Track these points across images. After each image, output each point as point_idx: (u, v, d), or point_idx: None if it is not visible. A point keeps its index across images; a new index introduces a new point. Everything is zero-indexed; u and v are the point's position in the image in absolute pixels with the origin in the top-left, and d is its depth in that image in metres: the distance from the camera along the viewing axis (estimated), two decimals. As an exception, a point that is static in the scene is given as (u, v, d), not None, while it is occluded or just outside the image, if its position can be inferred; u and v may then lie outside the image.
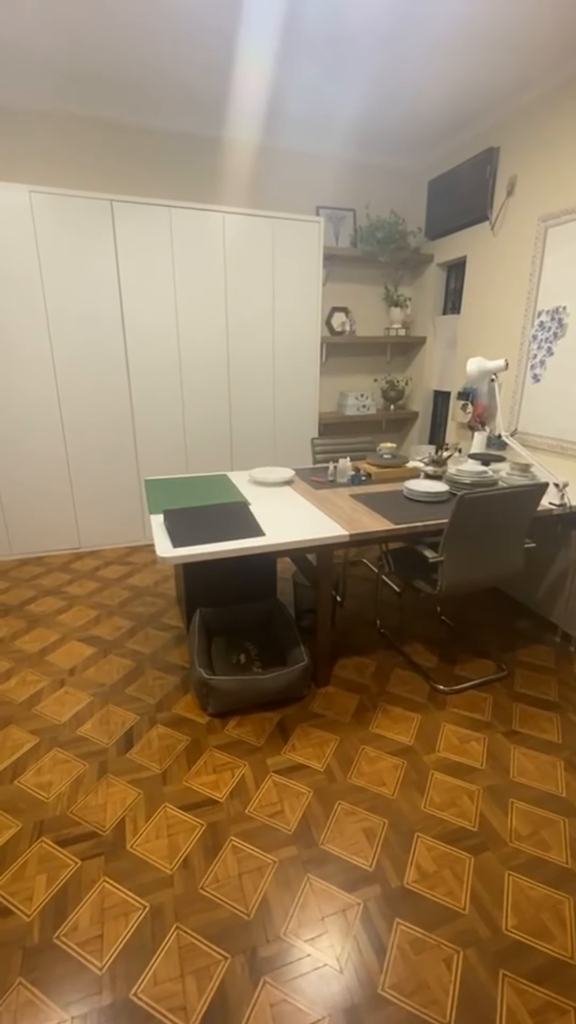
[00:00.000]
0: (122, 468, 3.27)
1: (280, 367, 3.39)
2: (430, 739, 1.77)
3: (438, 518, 1.89)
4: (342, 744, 1.75)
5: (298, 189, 3.45)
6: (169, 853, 1.37)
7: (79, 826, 1.44)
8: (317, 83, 2.62)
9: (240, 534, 1.72)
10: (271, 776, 1.61)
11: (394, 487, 2.33)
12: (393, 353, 4.03)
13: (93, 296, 2.90)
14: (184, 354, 3.16)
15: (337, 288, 3.72)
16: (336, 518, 1.89)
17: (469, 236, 3.25)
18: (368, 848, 1.38)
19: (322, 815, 1.48)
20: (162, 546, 1.63)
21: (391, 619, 2.56)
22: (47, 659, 2.21)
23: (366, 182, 3.57)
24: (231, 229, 3.04)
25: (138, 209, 2.84)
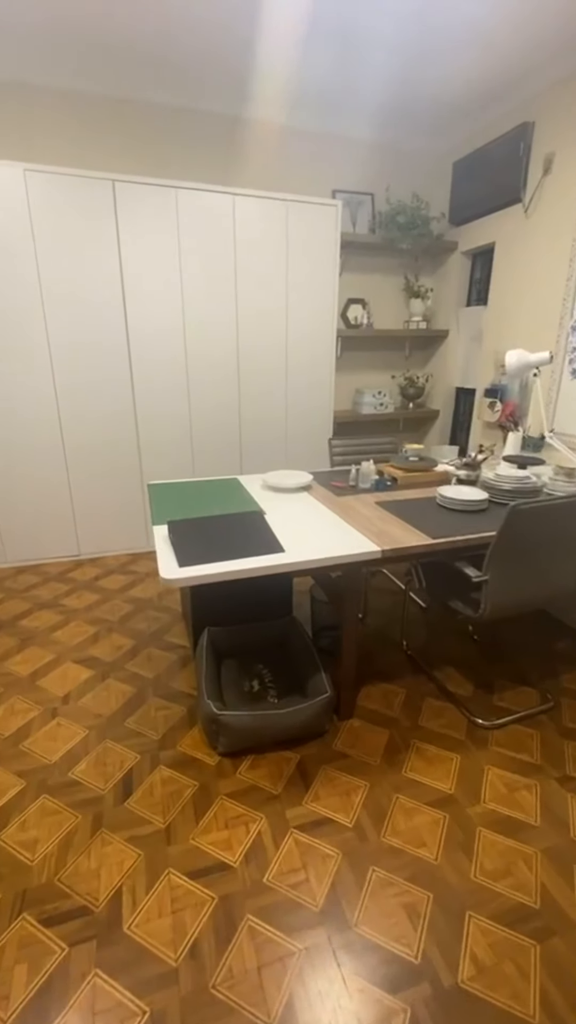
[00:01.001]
0: (124, 469, 3.05)
1: (293, 362, 3.16)
2: (473, 786, 1.54)
3: (481, 531, 1.66)
4: (372, 792, 1.52)
5: (313, 171, 3.21)
6: (174, 937, 1.14)
7: (68, 899, 1.22)
8: (337, 54, 2.38)
9: (256, 550, 1.49)
10: (292, 833, 1.39)
11: (423, 493, 2.10)
12: (412, 348, 3.79)
13: (93, 284, 2.68)
14: (191, 346, 2.94)
15: (353, 278, 3.49)
16: (364, 530, 1.66)
17: (498, 221, 3.00)
18: (411, 931, 1.15)
19: (354, 886, 1.25)
20: (166, 565, 1.40)
21: (417, 638, 2.32)
22: (39, 684, 1.99)
23: (386, 164, 3.33)
24: (242, 212, 2.81)
25: (142, 190, 2.62)
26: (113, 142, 2.84)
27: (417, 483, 2.24)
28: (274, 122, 3.05)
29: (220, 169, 3.05)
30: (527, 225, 2.79)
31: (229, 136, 3.01)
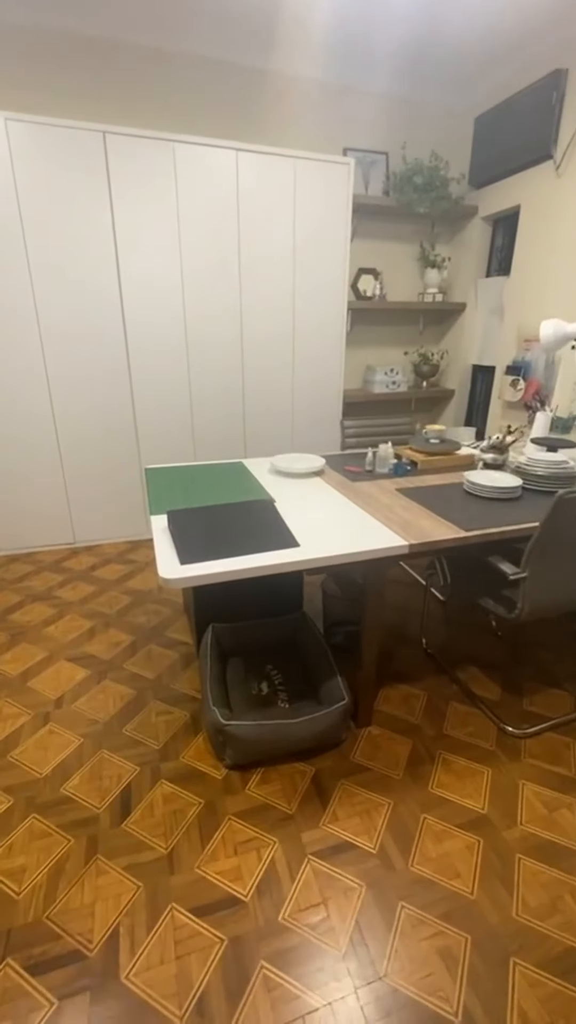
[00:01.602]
0: (120, 452, 2.86)
1: (300, 336, 2.95)
2: (508, 805, 1.39)
3: (516, 521, 1.48)
4: (396, 811, 1.37)
5: (323, 127, 2.95)
6: (178, 988, 1.00)
7: (59, 941, 1.08)
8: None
9: (267, 544, 1.32)
10: (309, 860, 1.24)
11: (447, 479, 1.92)
12: (426, 322, 3.57)
13: (83, 250, 2.46)
14: (190, 318, 2.72)
15: (364, 246, 3.25)
16: (387, 521, 1.48)
17: (524, 181, 2.76)
18: (449, 982, 1.01)
19: (381, 925, 1.11)
20: (166, 563, 1.23)
21: (436, 634, 2.17)
22: (30, 685, 1.84)
23: (402, 120, 3.06)
24: (246, 170, 2.56)
25: (136, 144, 2.37)
26: (103, 89, 2.58)
27: (439, 468, 2.06)
28: (280, 71, 2.78)
29: (221, 122, 2.79)
30: (558, 185, 2.55)
31: (230, 86, 2.74)
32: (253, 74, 2.75)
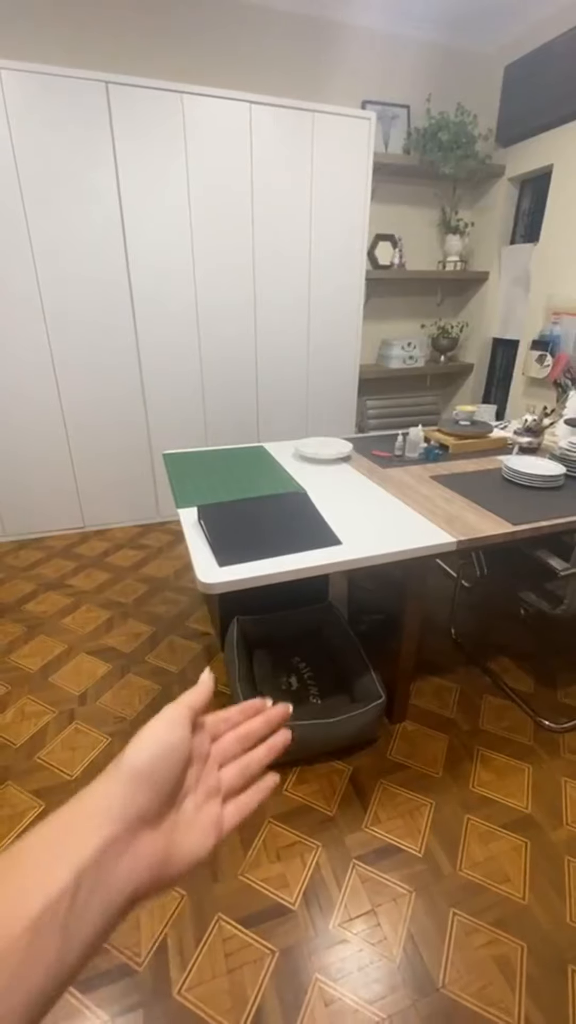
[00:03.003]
0: (129, 432, 2.74)
1: (316, 309, 2.80)
2: (552, 803, 1.36)
3: (562, 512, 1.41)
4: (439, 811, 1.34)
5: (339, 77, 2.73)
6: (233, 1004, 0.98)
7: (105, 955, 1.05)
8: None
9: (309, 542, 1.24)
10: (355, 865, 1.21)
11: (481, 464, 1.83)
12: (445, 293, 3.40)
13: (86, 214, 2.28)
14: (201, 289, 2.56)
15: (382, 210, 3.05)
16: (430, 515, 1.41)
17: (559, 138, 2.57)
18: (508, 993, 0.99)
19: (434, 933, 1.09)
20: (203, 565, 1.15)
21: (465, 623, 2.12)
22: (51, 680, 1.79)
23: (425, 69, 2.83)
24: (259, 124, 2.36)
25: (141, 95, 2.17)
26: (104, 35, 2.35)
27: (471, 452, 1.97)
28: (291, 11, 2.54)
29: (232, 70, 2.56)
30: (597, 142, 2.37)
31: (241, 29, 2.51)
32: (263, 15, 2.51)
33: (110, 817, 0.26)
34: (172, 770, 0.29)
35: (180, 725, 0.31)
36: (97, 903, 0.24)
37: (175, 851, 0.28)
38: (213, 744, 0.35)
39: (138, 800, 0.27)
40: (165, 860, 0.28)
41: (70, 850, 0.24)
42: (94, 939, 0.23)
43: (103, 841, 0.25)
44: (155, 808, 0.28)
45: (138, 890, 0.26)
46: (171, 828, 0.29)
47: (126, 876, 0.26)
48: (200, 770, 0.33)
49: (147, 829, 0.28)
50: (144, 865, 0.26)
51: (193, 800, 0.31)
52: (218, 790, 0.33)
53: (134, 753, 0.29)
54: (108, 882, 0.25)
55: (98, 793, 0.27)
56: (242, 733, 0.36)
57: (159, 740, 0.30)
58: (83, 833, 0.25)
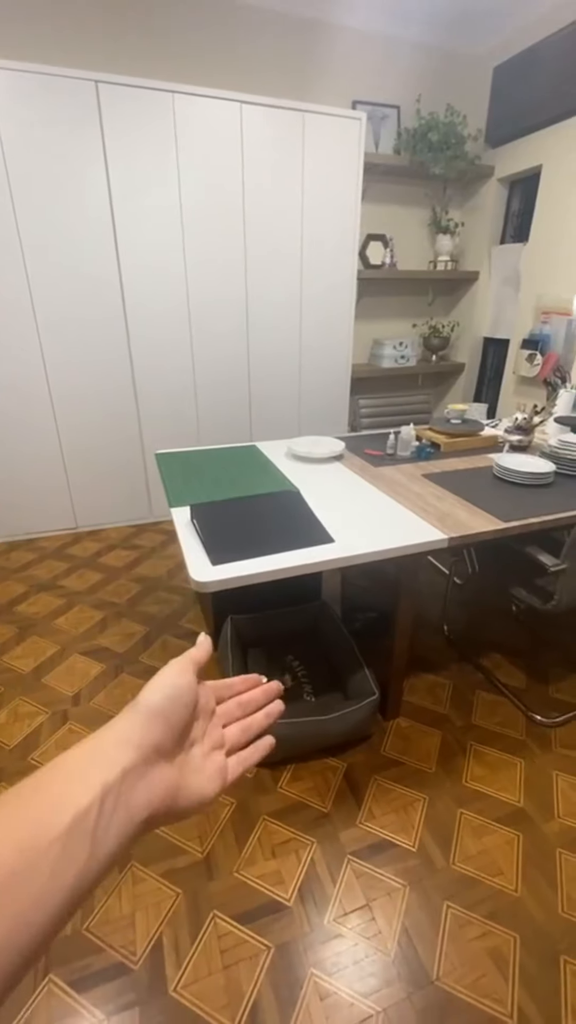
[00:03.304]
0: (121, 432, 2.73)
1: (308, 308, 2.80)
2: (543, 797, 1.38)
3: (553, 509, 1.43)
4: (432, 806, 1.35)
5: (330, 77, 2.73)
6: (229, 1000, 0.98)
7: (100, 954, 1.05)
8: None
9: (301, 540, 1.25)
10: (349, 861, 1.22)
11: (472, 462, 1.85)
12: (436, 293, 3.42)
13: (76, 212, 2.27)
14: (193, 288, 2.56)
15: (373, 210, 3.07)
16: (422, 513, 1.42)
17: (547, 139, 2.59)
18: (501, 984, 1.00)
19: (428, 927, 1.10)
20: (197, 564, 1.16)
21: (457, 619, 2.14)
22: (44, 681, 1.78)
23: (415, 69, 2.85)
24: (250, 124, 2.37)
25: (132, 95, 2.17)
26: (95, 34, 2.34)
27: (462, 450, 1.98)
28: (283, 12, 2.54)
29: (221, 72, 2.56)
30: (584, 143, 2.39)
31: (229, 29, 2.51)
32: (252, 14, 2.51)
33: (131, 745, 0.30)
34: (182, 709, 0.34)
35: (187, 672, 0.36)
36: (119, 818, 0.27)
37: (185, 788, 0.32)
38: (218, 705, 0.39)
39: (154, 733, 0.31)
40: (176, 793, 0.31)
41: (98, 770, 0.28)
42: (116, 850, 0.27)
43: (125, 764, 0.29)
44: (168, 743, 0.32)
45: (152, 814, 0.29)
46: (182, 766, 0.33)
47: (144, 798, 0.29)
48: (207, 724, 0.37)
49: (162, 761, 0.31)
50: (159, 792, 0.30)
51: (200, 749, 0.35)
52: (222, 744, 0.37)
53: (149, 694, 0.33)
54: (128, 801, 0.28)
55: (120, 726, 0.31)
56: (244, 700, 0.41)
57: (170, 683, 0.34)
58: (109, 757, 0.29)
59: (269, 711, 0.41)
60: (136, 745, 0.30)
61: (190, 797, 0.32)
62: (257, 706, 0.41)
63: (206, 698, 0.38)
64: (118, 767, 0.28)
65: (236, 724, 0.39)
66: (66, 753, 0.29)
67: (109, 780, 0.27)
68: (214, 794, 0.34)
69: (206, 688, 0.39)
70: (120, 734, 0.30)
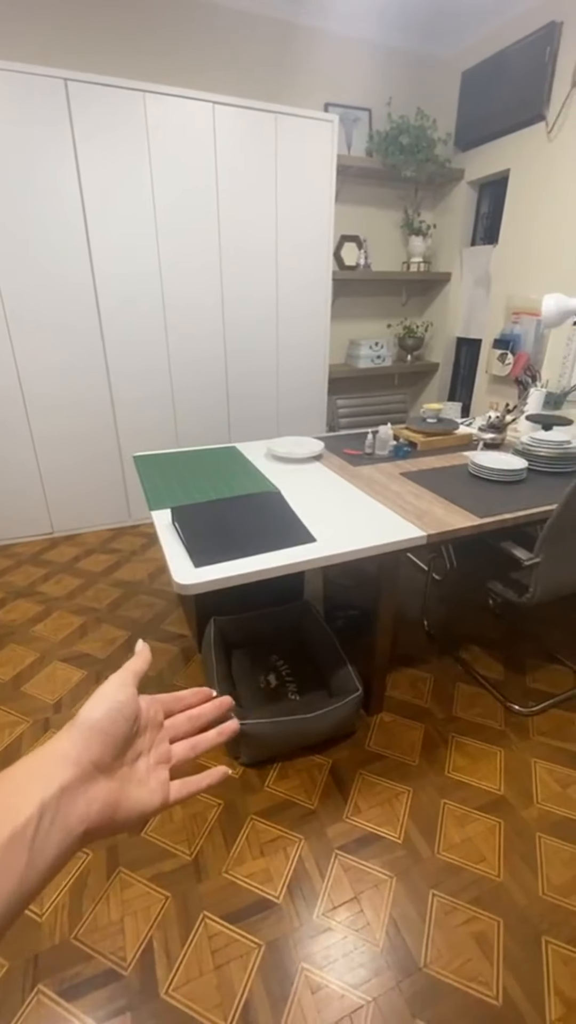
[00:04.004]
0: (98, 435, 2.70)
1: (284, 308, 2.81)
2: (523, 784, 1.42)
3: (524, 504, 1.47)
4: (416, 798, 1.38)
5: (302, 79, 2.75)
6: (221, 999, 0.99)
7: (90, 961, 1.04)
8: None
9: (284, 541, 1.26)
10: (337, 855, 1.24)
11: (449, 460, 1.89)
12: (409, 293, 3.47)
13: (46, 212, 2.23)
14: (168, 289, 2.55)
15: (346, 211, 3.10)
16: (401, 511, 1.44)
17: (514, 143, 2.66)
18: (487, 967, 1.03)
19: (415, 916, 1.12)
20: (179, 566, 1.16)
21: (436, 614, 2.18)
22: (24, 690, 1.75)
23: (385, 73, 2.89)
24: (223, 125, 2.37)
25: (101, 92, 2.14)
26: (63, 32, 2.31)
27: (438, 448, 2.02)
28: (255, 14, 2.55)
29: (193, 72, 2.55)
30: (550, 149, 2.47)
31: (201, 30, 2.50)
32: (224, 15, 2.51)
33: (70, 761, 0.30)
34: (123, 723, 0.34)
35: (127, 685, 0.36)
36: (57, 832, 0.28)
37: (125, 800, 0.33)
38: (168, 719, 0.39)
39: (93, 749, 0.32)
40: (116, 805, 0.32)
41: (36, 787, 0.29)
42: (54, 861, 0.28)
43: (64, 781, 0.29)
44: (108, 758, 0.32)
45: (90, 828, 0.30)
46: (124, 779, 0.33)
47: (82, 812, 0.30)
48: (154, 737, 0.37)
49: (101, 776, 0.32)
50: (97, 806, 0.31)
51: (146, 762, 0.35)
52: (169, 759, 0.37)
53: (89, 710, 0.33)
54: (66, 816, 0.29)
55: (60, 743, 0.31)
56: (193, 714, 0.41)
57: (110, 699, 0.34)
58: (47, 774, 0.29)
59: (222, 730, 0.40)
60: (75, 761, 0.30)
61: (131, 810, 0.33)
62: (207, 721, 0.41)
63: (153, 711, 0.38)
64: (56, 783, 0.29)
65: (184, 741, 0.39)
66: (9, 768, 0.30)
67: (47, 796, 0.28)
68: (156, 807, 0.34)
69: (153, 701, 0.39)
70: (60, 751, 0.31)
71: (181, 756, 0.38)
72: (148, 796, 0.34)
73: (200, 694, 0.42)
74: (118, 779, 0.33)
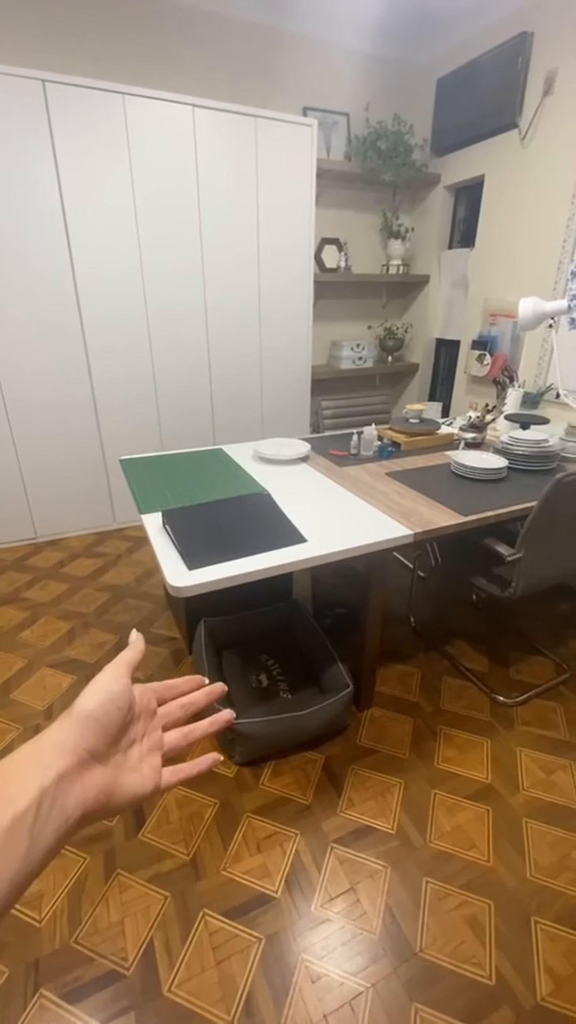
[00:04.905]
0: (80, 439, 2.68)
1: (267, 310, 2.83)
2: (509, 772, 1.47)
3: (506, 501, 1.52)
4: (408, 790, 1.42)
5: (281, 83, 2.77)
6: (224, 993, 1.00)
7: (91, 964, 1.05)
8: None
9: (275, 542, 1.28)
10: (333, 849, 1.27)
11: (432, 460, 1.93)
12: (389, 295, 3.53)
13: (26, 214, 2.21)
14: (151, 291, 2.54)
15: (326, 214, 3.13)
16: (386, 509, 1.48)
17: (489, 149, 2.73)
18: (480, 948, 1.07)
19: (410, 903, 1.16)
20: (172, 569, 1.17)
21: (422, 611, 2.23)
22: (14, 697, 1.74)
23: (363, 79, 2.93)
24: (203, 128, 2.37)
25: (81, 95, 2.13)
26: (40, 32, 2.28)
27: (421, 448, 2.07)
28: (235, 18, 2.56)
29: (172, 75, 2.55)
30: (523, 156, 2.54)
31: (179, 33, 2.50)
32: (203, 18, 2.51)
33: (66, 750, 0.32)
34: (116, 713, 0.35)
35: (121, 676, 0.37)
36: (55, 817, 0.29)
37: (119, 786, 0.34)
38: (160, 707, 0.40)
39: (88, 738, 0.33)
40: (111, 791, 0.33)
41: (35, 774, 0.30)
42: (53, 845, 0.29)
43: (61, 769, 0.31)
44: (102, 746, 0.34)
45: (86, 812, 0.31)
46: (118, 766, 0.35)
47: (79, 798, 0.31)
48: (147, 725, 0.38)
49: (96, 763, 0.33)
50: (92, 793, 0.32)
51: (139, 749, 0.37)
52: (161, 746, 0.38)
53: (84, 700, 0.34)
54: (64, 801, 0.30)
55: (56, 732, 0.33)
56: (185, 702, 0.42)
57: (104, 688, 0.35)
58: (45, 762, 0.31)
59: (215, 719, 0.41)
60: (71, 750, 0.31)
61: (124, 794, 0.34)
62: (199, 708, 0.42)
63: (146, 700, 0.39)
64: (53, 771, 0.30)
65: (178, 729, 0.40)
66: (8, 757, 0.31)
67: (45, 783, 0.29)
68: (148, 792, 0.35)
69: (146, 690, 0.40)
70: (56, 740, 0.32)
71: (173, 744, 0.39)
72: (141, 781, 0.35)
73: (192, 682, 0.43)
74: (112, 766, 0.34)
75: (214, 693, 0.43)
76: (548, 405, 2.55)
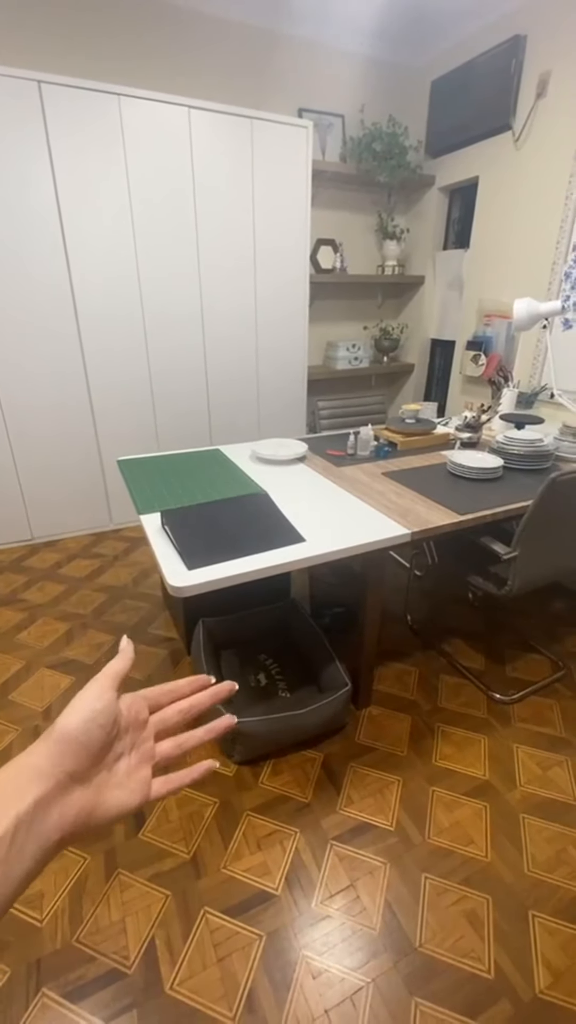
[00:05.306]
0: (77, 440, 2.67)
1: (264, 310, 2.84)
2: (506, 769, 1.49)
3: (502, 501, 1.53)
4: (407, 787, 1.43)
5: (276, 85, 2.78)
6: (225, 990, 1.01)
7: (93, 963, 1.05)
8: None
9: (274, 541, 1.29)
10: (332, 846, 1.28)
11: (428, 460, 1.94)
12: (384, 296, 3.54)
13: (21, 215, 2.21)
14: (147, 292, 2.54)
15: (321, 216, 3.14)
16: (383, 508, 1.49)
17: (483, 151, 2.75)
18: (479, 943, 1.09)
19: (409, 899, 1.17)
20: (172, 569, 1.17)
21: (418, 609, 2.24)
22: (11, 698, 1.73)
23: (358, 80, 2.94)
24: (199, 129, 2.38)
25: (76, 96, 2.13)
26: (36, 32, 2.28)
27: (418, 447, 2.08)
28: (231, 20, 2.56)
29: (168, 76, 2.55)
30: (516, 158, 2.56)
31: (174, 34, 2.50)
32: (199, 19, 2.52)
33: (44, 775, 0.31)
34: (98, 732, 0.33)
35: (105, 691, 0.35)
36: (32, 843, 0.29)
37: (101, 804, 0.33)
38: (154, 714, 0.38)
39: (67, 760, 0.32)
40: (92, 812, 0.32)
41: (10, 802, 0.29)
42: (31, 869, 0.29)
43: (38, 795, 0.30)
44: (83, 767, 0.32)
45: (65, 836, 0.31)
46: (101, 784, 0.33)
47: (56, 823, 0.30)
48: (136, 736, 0.37)
49: (77, 785, 0.32)
50: (72, 815, 0.31)
51: (127, 762, 0.35)
52: (152, 757, 0.37)
53: (65, 719, 0.33)
54: (41, 828, 0.29)
55: (35, 754, 0.31)
56: (183, 706, 0.39)
57: (86, 708, 0.34)
58: (21, 788, 0.30)
59: (212, 727, 0.39)
60: (48, 774, 0.31)
61: (107, 812, 0.33)
62: (202, 710, 0.39)
63: (135, 711, 0.37)
64: (30, 797, 0.29)
65: (171, 739, 0.38)
66: None
67: (21, 811, 0.29)
68: (135, 807, 0.34)
69: (136, 699, 0.38)
70: (33, 764, 0.31)
71: (166, 754, 0.37)
72: (127, 796, 0.34)
73: (196, 683, 0.41)
74: (95, 785, 0.33)
75: (220, 694, 0.41)
76: (543, 405, 2.57)
